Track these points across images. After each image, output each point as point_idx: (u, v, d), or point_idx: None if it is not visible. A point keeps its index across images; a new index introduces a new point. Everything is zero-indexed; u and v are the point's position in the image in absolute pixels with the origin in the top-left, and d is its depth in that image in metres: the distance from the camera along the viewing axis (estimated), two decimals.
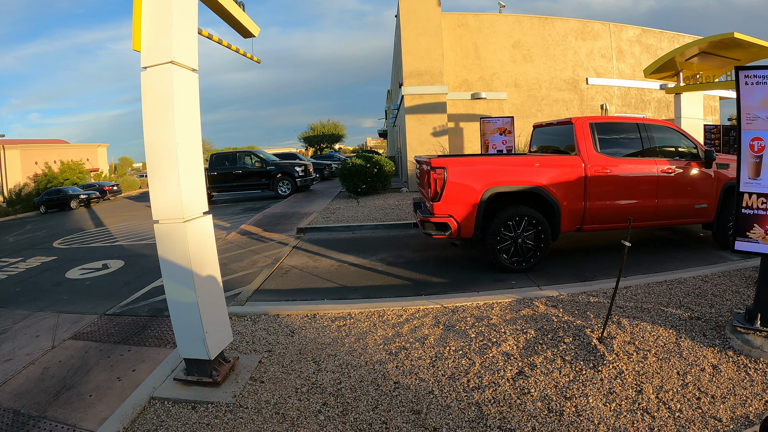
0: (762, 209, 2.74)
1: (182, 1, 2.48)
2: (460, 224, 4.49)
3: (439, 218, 4.48)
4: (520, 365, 2.59)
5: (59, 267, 6.56)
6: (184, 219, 2.47)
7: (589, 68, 13.64)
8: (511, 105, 13.31)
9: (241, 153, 14.05)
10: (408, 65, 11.94)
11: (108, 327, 4.13)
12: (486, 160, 5.02)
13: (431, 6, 11.83)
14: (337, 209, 9.23)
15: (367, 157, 11.27)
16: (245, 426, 2.18)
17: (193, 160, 2.58)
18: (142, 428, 2.24)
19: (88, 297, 5.04)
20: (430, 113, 12.03)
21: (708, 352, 2.66)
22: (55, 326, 4.24)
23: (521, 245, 4.59)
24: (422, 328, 3.13)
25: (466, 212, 4.47)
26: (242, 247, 6.76)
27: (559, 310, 3.36)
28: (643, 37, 13.92)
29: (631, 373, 2.45)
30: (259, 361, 2.84)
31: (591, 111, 13.83)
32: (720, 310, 3.22)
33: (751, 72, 2.70)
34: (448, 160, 4.60)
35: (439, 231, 4.51)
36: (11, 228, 12.64)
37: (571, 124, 4.88)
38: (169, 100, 2.43)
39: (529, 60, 13.33)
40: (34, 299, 5.13)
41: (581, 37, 13.52)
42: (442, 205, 4.46)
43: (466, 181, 4.47)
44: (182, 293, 2.53)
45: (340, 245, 6.48)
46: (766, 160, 2.71)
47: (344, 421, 2.12)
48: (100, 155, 31.46)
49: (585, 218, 4.75)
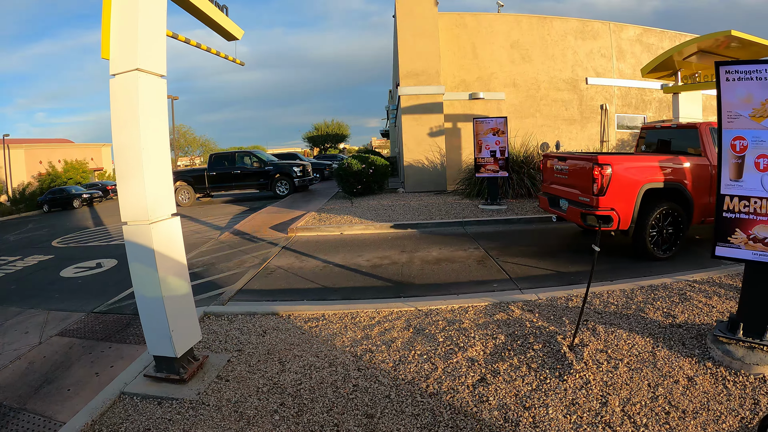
0: (744, 213, 2.61)
1: (149, 10, 2.54)
2: (621, 217, 4.83)
3: (603, 211, 4.78)
4: (483, 372, 2.55)
5: (55, 266, 6.70)
6: (150, 221, 2.54)
7: (589, 68, 13.52)
8: (510, 105, 13.24)
9: (240, 153, 14.17)
10: (404, 66, 11.95)
11: (93, 324, 4.23)
12: (640, 158, 5.28)
13: (428, 6, 11.83)
14: (330, 210, 9.28)
15: (362, 158, 11.31)
16: (204, 423, 2.24)
17: (160, 164, 2.64)
18: (109, 421, 2.33)
19: (79, 295, 5.16)
20: (427, 113, 12.03)
21: (685, 362, 2.54)
22: (44, 323, 4.36)
23: (664, 236, 4.99)
24: (392, 330, 3.16)
25: (625, 206, 4.82)
26: (233, 247, 6.84)
27: (535, 315, 3.33)
28: (644, 36, 13.77)
29: (598, 383, 2.37)
30: (228, 360, 2.90)
31: (591, 111, 13.71)
32: (704, 318, 3.11)
33: (732, 67, 2.58)
34: (612, 157, 4.95)
35: (604, 223, 4.84)
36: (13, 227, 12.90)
37: (696, 129, 5.29)
38: (135, 107, 2.51)
39: (528, 60, 13.25)
40: (28, 297, 5.26)
41: (581, 37, 13.40)
42: (607, 199, 4.79)
43: (627, 177, 4.82)
44: (149, 293, 2.61)
45: (328, 246, 6.53)
46: (749, 161, 2.58)
47: (297, 422, 2.17)
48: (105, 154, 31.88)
49: (710, 212, 5.12)
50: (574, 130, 13.68)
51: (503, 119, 8.63)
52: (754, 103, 2.50)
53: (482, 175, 8.97)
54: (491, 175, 8.79)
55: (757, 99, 2.49)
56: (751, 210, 2.57)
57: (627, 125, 14.11)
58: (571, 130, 13.66)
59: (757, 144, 2.53)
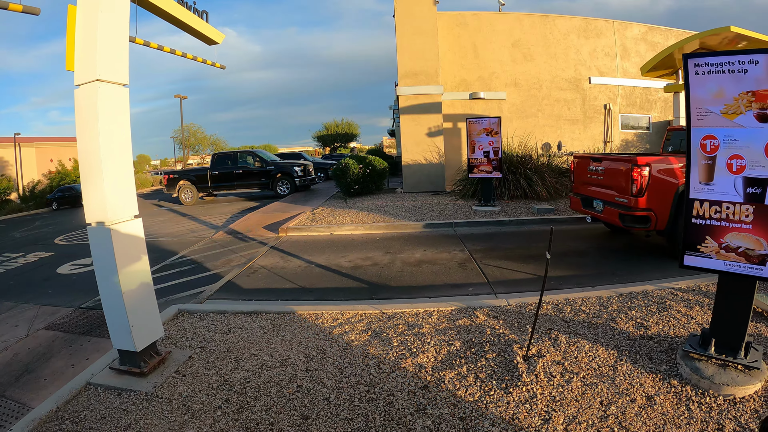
0: (716, 219, 2.40)
1: (109, 24, 2.65)
2: (658, 218, 4.86)
3: (642, 212, 4.82)
4: (429, 379, 2.51)
5: (53, 263, 6.96)
6: (110, 222, 2.66)
7: (592, 67, 13.30)
8: (511, 105, 13.13)
9: (242, 153, 14.40)
10: (403, 65, 11.96)
11: (78, 319, 4.41)
12: (675, 159, 5.31)
13: (427, 6, 11.81)
14: (324, 210, 9.38)
15: (360, 158, 11.37)
16: (153, 414, 2.36)
17: (120, 168, 2.75)
18: (72, 408, 2.49)
19: (71, 291, 5.36)
20: (426, 114, 12.02)
21: (648, 379, 2.38)
22: (33, 317, 4.56)
23: None
24: (351, 333, 3.21)
25: (662, 206, 4.85)
26: (224, 247, 6.99)
27: (499, 322, 3.25)
28: (649, 34, 13.46)
29: (545, 398, 2.26)
30: (189, 356, 3.01)
31: (594, 111, 13.49)
32: (679, 330, 2.94)
33: (702, 60, 2.35)
34: (650, 158, 4.97)
35: (642, 224, 4.86)
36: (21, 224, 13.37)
37: None
38: (95, 115, 2.62)
39: (530, 59, 13.10)
40: (23, 293, 5.48)
41: (584, 36, 13.19)
42: (645, 199, 4.83)
43: (664, 178, 4.85)
44: (110, 290, 2.74)
45: (316, 246, 6.61)
46: (720, 162, 2.36)
47: (236, 418, 2.25)
48: None
49: None
50: (576, 130, 13.48)
51: (496, 119, 8.58)
52: (726, 98, 2.31)
53: (476, 175, 8.94)
54: (484, 175, 8.76)
55: (729, 94, 2.29)
56: (723, 216, 2.38)
57: (631, 125, 13.83)
58: (574, 130, 13.46)
59: (730, 143, 2.33)
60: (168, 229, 9.43)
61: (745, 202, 2.31)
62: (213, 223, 9.80)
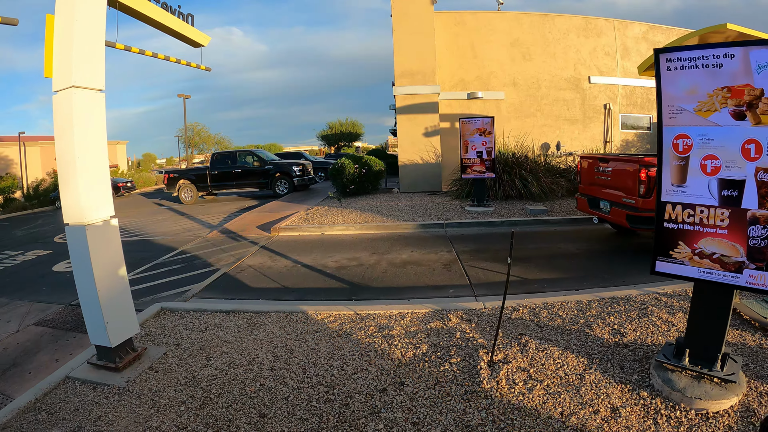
0: (689, 223, 2.27)
1: (84, 31, 2.73)
2: None
3: (650, 213, 4.78)
4: (389, 382, 2.49)
5: (50, 260, 7.11)
6: (85, 222, 2.76)
7: (592, 66, 13.19)
8: (509, 105, 13.09)
9: (241, 152, 14.54)
10: (400, 65, 11.98)
11: (67, 316, 4.54)
12: None
13: (424, 5, 11.80)
14: (318, 210, 9.45)
15: (356, 158, 11.43)
16: (122, 407, 2.46)
17: (95, 171, 2.84)
18: (50, 400, 2.61)
19: (64, 288, 5.49)
20: (422, 113, 12.03)
21: (616, 389, 2.27)
22: (25, 313, 4.69)
23: None
24: (321, 333, 3.26)
25: None
26: (216, 246, 7.09)
27: (471, 325, 3.21)
28: (650, 33, 13.31)
29: (503, 406, 2.19)
30: (164, 353, 3.10)
31: (593, 111, 13.39)
32: (657, 338, 2.84)
33: (674, 54, 2.21)
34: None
35: (649, 225, 4.79)
36: (23, 222, 13.62)
37: None
38: (70, 120, 2.72)
39: (529, 58, 13.04)
40: (18, 289, 5.63)
41: (583, 35, 13.09)
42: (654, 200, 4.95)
43: None
44: (86, 287, 2.85)
45: (305, 246, 6.69)
46: (694, 163, 2.23)
47: (198, 413, 2.32)
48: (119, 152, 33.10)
49: None
50: (576, 130, 13.40)
51: (490, 119, 8.58)
52: (700, 95, 2.17)
53: (468, 176, 8.95)
54: (477, 176, 8.76)
55: (703, 90, 2.15)
56: (697, 220, 2.25)
57: (632, 125, 13.71)
58: (573, 130, 13.38)
59: (704, 143, 2.20)
60: (165, 228, 9.58)
61: (720, 206, 2.17)
62: (209, 222, 9.93)
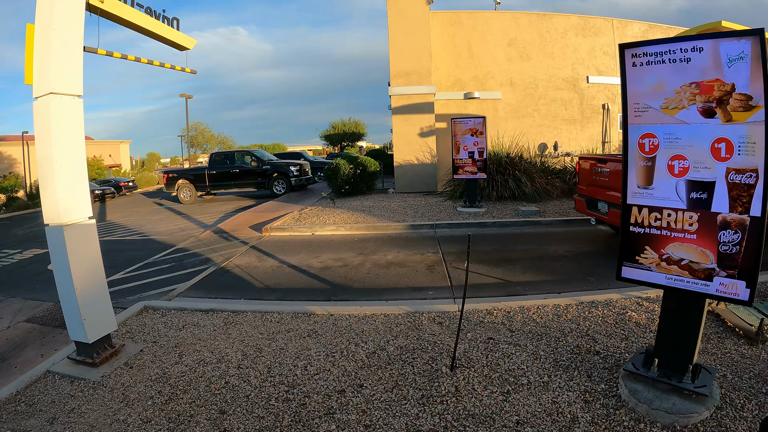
0: (656, 227, 2.15)
1: (62, 40, 2.82)
2: None
3: None
4: (349, 384, 2.51)
5: (47, 259, 7.27)
6: (63, 223, 2.86)
7: (590, 66, 13.12)
8: (506, 105, 13.07)
9: (239, 152, 14.69)
10: (395, 65, 12.01)
11: (56, 313, 4.66)
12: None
13: (419, 5, 11.82)
14: (311, 210, 9.53)
15: (351, 158, 11.50)
16: (95, 400, 2.57)
17: (73, 174, 2.94)
18: (30, 393, 2.74)
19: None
20: (417, 114, 12.06)
21: (578, 398, 2.19)
22: (17, 311, 4.83)
23: None
24: (293, 332, 3.33)
25: None
26: (207, 245, 7.20)
27: (442, 328, 3.22)
28: (650, 33, 13.21)
29: (458, 411, 2.16)
30: (141, 350, 3.20)
31: (592, 111, 13.32)
32: (630, 345, 2.75)
33: (640, 50, 2.10)
34: None
35: None
36: (25, 221, 13.86)
37: None
38: (48, 125, 2.82)
39: (526, 58, 13.00)
40: (13, 287, 5.78)
41: (582, 34, 13.02)
42: None
43: None
44: (64, 285, 2.95)
45: (294, 247, 6.77)
46: (661, 163, 2.10)
47: (163, 408, 2.41)
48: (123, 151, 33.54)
49: None
50: (574, 131, 13.35)
51: (482, 119, 8.59)
52: (667, 91, 2.05)
53: (460, 176, 8.98)
54: (469, 176, 8.79)
55: (671, 86, 2.04)
56: (664, 224, 2.13)
57: None
58: (571, 130, 13.33)
59: (671, 142, 2.07)
60: (160, 227, 9.73)
61: (688, 209, 2.06)
62: (204, 221, 10.06)
